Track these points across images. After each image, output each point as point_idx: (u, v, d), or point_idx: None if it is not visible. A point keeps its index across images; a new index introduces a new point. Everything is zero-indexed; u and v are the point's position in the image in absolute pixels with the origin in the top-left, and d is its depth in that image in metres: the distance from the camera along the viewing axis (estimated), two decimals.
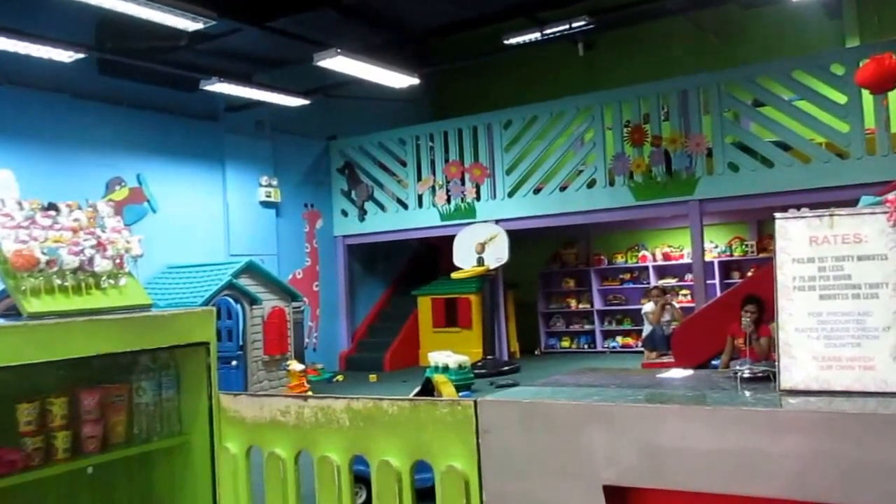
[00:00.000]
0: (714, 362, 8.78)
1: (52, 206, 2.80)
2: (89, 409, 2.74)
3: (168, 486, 3.03)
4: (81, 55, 9.54)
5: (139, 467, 3.02)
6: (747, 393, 2.18)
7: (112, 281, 2.77)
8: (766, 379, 2.25)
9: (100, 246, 2.75)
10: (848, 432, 1.78)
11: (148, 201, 11.52)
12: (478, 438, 2.30)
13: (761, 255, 13.69)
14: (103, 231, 2.84)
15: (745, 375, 2.34)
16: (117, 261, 2.80)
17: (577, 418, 2.13)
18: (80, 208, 2.90)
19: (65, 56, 9.39)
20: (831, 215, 2.10)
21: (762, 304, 7.79)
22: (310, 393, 9.49)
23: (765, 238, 13.80)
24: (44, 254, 2.59)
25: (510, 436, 2.24)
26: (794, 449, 1.83)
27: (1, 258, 2.59)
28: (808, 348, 2.07)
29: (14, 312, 2.64)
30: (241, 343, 10.91)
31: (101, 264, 2.72)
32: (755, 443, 1.88)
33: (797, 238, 2.13)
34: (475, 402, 2.33)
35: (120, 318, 2.74)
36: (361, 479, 2.70)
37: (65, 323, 2.56)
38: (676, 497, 2.01)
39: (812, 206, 2.21)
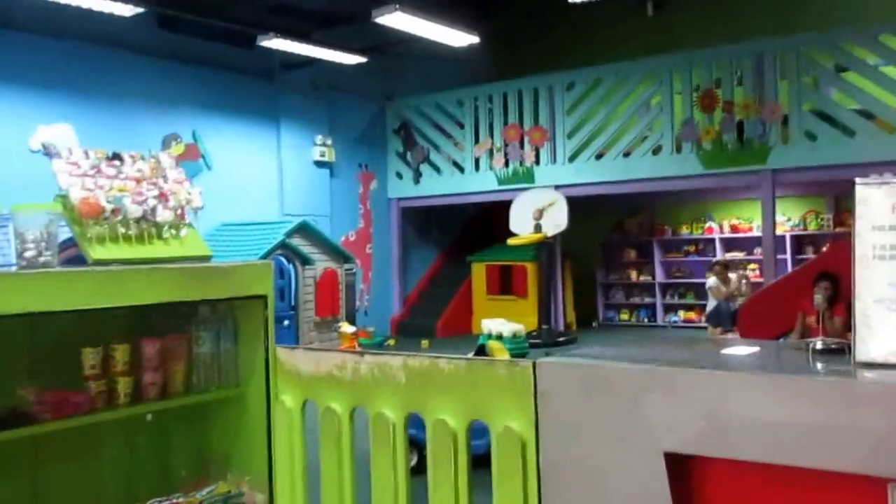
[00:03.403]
0: (783, 342, 8.68)
1: (116, 156, 2.89)
2: (150, 357, 2.85)
3: (224, 437, 3.12)
4: (141, 9, 9.71)
5: (196, 417, 3.11)
6: (820, 365, 2.17)
7: (173, 231, 2.86)
8: (841, 352, 2.22)
9: (162, 196, 2.84)
10: None
11: (203, 158, 11.71)
12: (536, 401, 2.32)
13: (838, 230, 13.41)
14: (165, 182, 2.93)
15: (818, 347, 2.31)
16: (178, 211, 2.88)
17: (638, 383, 2.14)
18: (143, 159, 2.99)
19: (125, 10, 9.56)
20: None
21: (837, 282, 7.63)
22: None
23: (843, 213, 13.51)
24: (109, 202, 2.68)
25: (569, 399, 2.25)
26: (869, 423, 1.80)
27: (68, 205, 2.69)
28: (886, 320, 2.04)
29: (74, 263, 2.74)
30: (293, 303, 11.10)
31: (164, 214, 2.81)
32: (827, 415, 1.86)
33: (878, 205, 2.09)
34: (534, 363, 2.34)
35: (181, 267, 2.82)
36: (413, 443, 2.75)
37: (128, 270, 2.65)
38: (740, 467, 2.01)
39: None
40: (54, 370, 2.69)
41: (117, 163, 2.89)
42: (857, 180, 2.16)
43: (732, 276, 11.53)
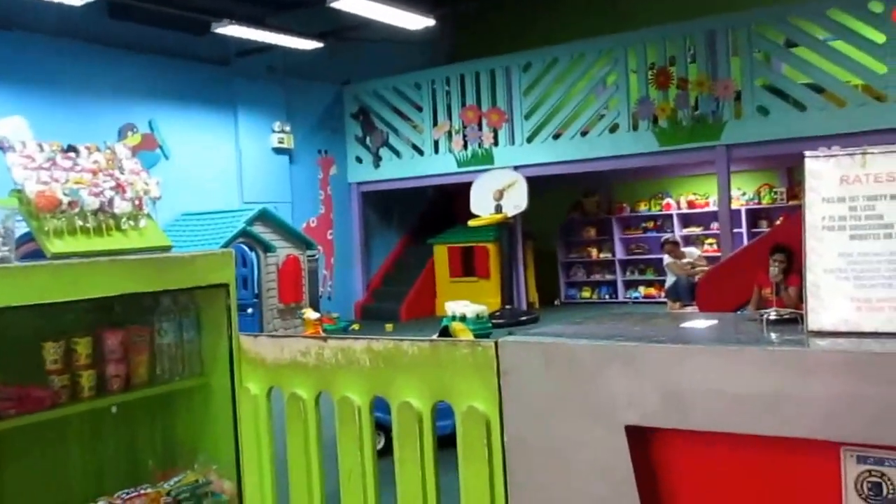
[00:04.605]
0: (740, 314, 8.81)
1: (71, 149, 2.86)
2: (113, 350, 2.82)
3: (190, 427, 3.11)
4: None
5: (161, 408, 3.10)
6: (773, 335, 2.20)
7: (132, 222, 2.84)
8: (794, 321, 2.26)
9: (119, 188, 2.81)
10: (878, 373, 1.79)
11: (160, 147, 11.58)
12: (499, 380, 2.34)
13: (791, 203, 13.60)
14: (122, 173, 2.90)
15: (772, 318, 2.35)
16: (136, 202, 2.86)
17: (599, 359, 2.16)
18: (98, 150, 2.95)
19: (75, 0, 9.38)
20: (863, 154, 2.10)
21: (791, 254, 7.77)
22: None
23: (795, 186, 13.71)
24: (65, 195, 2.65)
25: (532, 377, 2.27)
26: (822, 390, 1.84)
27: (24, 200, 2.66)
28: (837, 289, 2.07)
29: (33, 258, 2.71)
30: (256, 291, 11.05)
31: (121, 206, 2.78)
32: (781, 383, 1.89)
33: (827, 177, 2.13)
34: (496, 342, 2.36)
35: (141, 258, 2.80)
36: (379, 426, 2.76)
37: (87, 263, 2.63)
38: (699, 437, 2.05)
39: None
40: (16, 365, 2.66)
41: (73, 155, 2.85)
42: (807, 153, 2.19)
43: (692, 249, 11.69)
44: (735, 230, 12.69)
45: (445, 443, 2.57)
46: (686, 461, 2.10)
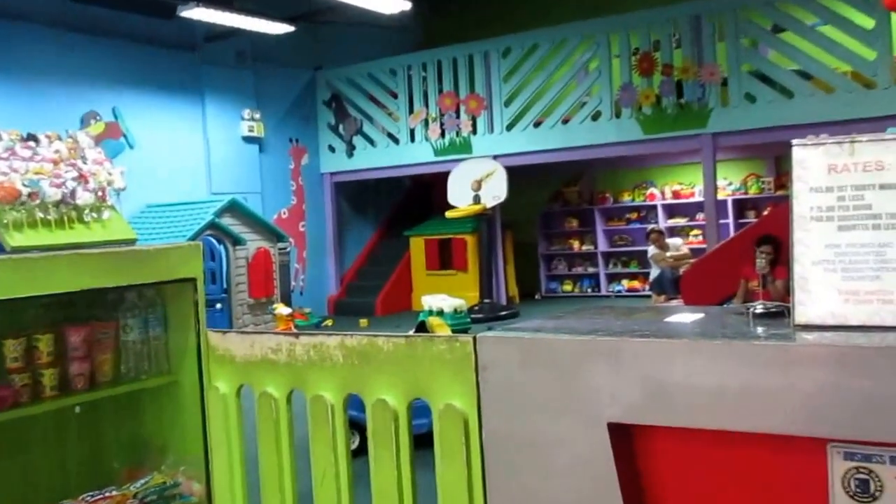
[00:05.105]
0: (726, 307, 8.87)
1: (31, 137, 2.84)
2: (76, 347, 2.81)
3: (157, 427, 3.10)
4: None
5: (127, 407, 3.09)
6: (759, 329, 2.22)
7: (95, 214, 2.82)
8: (780, 315, 2.28)
9: (82, 178, 2.79)
10: (865, 367, 1.80)
11: (125, 136, 11.49)
12: (477, 376, 2.34)
13: (779, 193, 13.71)
14: (85, 163, 2.87)
15: (758, 311, 2.37)
16: (100, 193, 2.84)
17: (580, 354, 2.17)
18: (60, 139, 2.93)
19: None
20: (852, 142, 2.12)
21: (779, 245, 7.81)
22: None
23: (783, 175, 13.82)
24: (25, 186, 2.63)
25: (511, 373, 2.28)
26: (808, 384, 1.85)
27: None
28: (824, 282, 2.08)
29: None
30: (225, 285, 11.01)
31: (84, 197, 2.77)
32: (766, 378, 1.91)
33: (815, 166, 2.14)
34: (474, 338, 2.36)
35: (104, 252, 2.79)
36: (354, 425, 2.76)
37: (49, 257, 2.60)
38: (684, 434, 2.06)
39: None
40: None
41: (33, 144, 2.84)
42: (794, 141, 2.20)
43: (676, 241, 11.75)
44: (721, 221, 12.78)
45: (422, 442, 2.57)
46: (670, 459, 2.12)
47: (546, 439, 2.21)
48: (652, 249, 11.95)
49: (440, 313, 9.99)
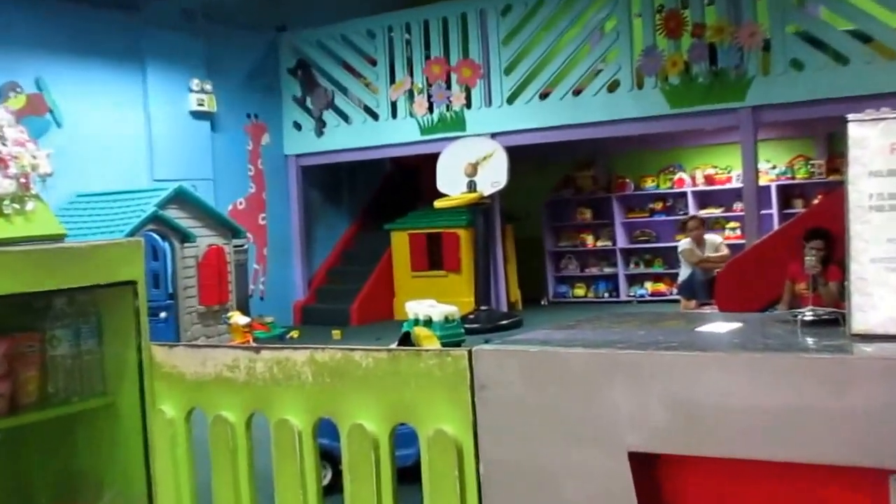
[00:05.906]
0: (769, 314, 8.90)
1: None
2: None
3: (93, 456, 3.08)
4: None
5: (57, 433, 3.07)
6: (809, 339, 2.23)
7: (17, 206, 2.80)
8: (834, 323, 2.28)
9: (0, 162, 2.78)
10: None
11: (51, 112, 11.46)
12: (473, 397, 2.35)
13: (831, 179, 13.73)
14: (3, 144, 2.86)
15: (807, 319, 2.37)
16: (22, 180, 2.83)
17: (595, 370, 2.18)
18: None
19: None
20: None
21: (831, 240, 7.83)
22: None
23: (836, 157, 13.83)
24: None
25: (513, 393, 2.29)
26: (867, 404, 1.85)
27: None
28: (886, 283, 2.08)
29: None
30: (170, 290, 10.99)
31: (3, 185, 2.75)
32: (817, 398, 1.91)
33: (875, 146, 2.14)
34: (469, 351, 2.37)
35: (27, 249, 2.78)
36: (326, 455, 2.77)
37: None
38: (717, 465, 2.07)
39: None
40: None
41: None
42: (850, 117, 2.20)
43: (715, 238, 11.76)
44: (763, 211, 12.80)
45: (407, 475, 2.57)
46: (701, 493, 2.13)
47: (556, 472, 2.22)
48: (683, 244, 11.94)
49: (428, 323, 10.00)
